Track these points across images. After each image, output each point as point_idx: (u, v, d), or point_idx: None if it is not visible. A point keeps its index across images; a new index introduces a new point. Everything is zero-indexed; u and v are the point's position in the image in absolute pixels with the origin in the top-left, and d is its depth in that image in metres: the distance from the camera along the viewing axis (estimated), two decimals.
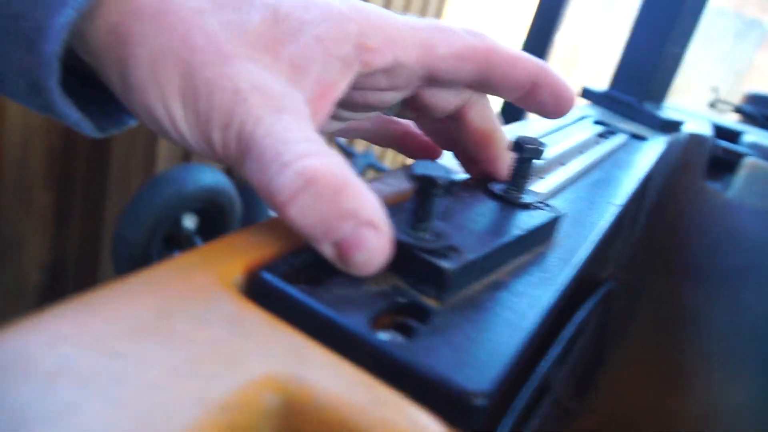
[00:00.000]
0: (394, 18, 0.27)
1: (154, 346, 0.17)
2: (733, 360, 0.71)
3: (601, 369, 0.70)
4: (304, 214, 0.21)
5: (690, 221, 0.74)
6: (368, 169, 1.89)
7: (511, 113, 0.99)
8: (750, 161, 0.73)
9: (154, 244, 1.51)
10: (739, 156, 0.75)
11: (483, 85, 0.30)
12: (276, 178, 0.21)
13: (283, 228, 0.24)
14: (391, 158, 2.90)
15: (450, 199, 0.28)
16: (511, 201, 0.30)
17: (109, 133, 0.28)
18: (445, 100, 0.31)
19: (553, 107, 0.31)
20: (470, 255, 0.23)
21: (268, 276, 0.21)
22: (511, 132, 0.44)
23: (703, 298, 0.73)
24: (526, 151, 0.29)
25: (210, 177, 1.60)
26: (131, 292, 0.19)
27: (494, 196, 0.31)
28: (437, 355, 0.19)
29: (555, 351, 0.44)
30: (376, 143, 0.37)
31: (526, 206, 0.30)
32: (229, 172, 1.92)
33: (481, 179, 0.33)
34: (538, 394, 0.41)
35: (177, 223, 1.58)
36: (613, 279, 0.61)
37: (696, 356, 0.72)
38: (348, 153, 1.90)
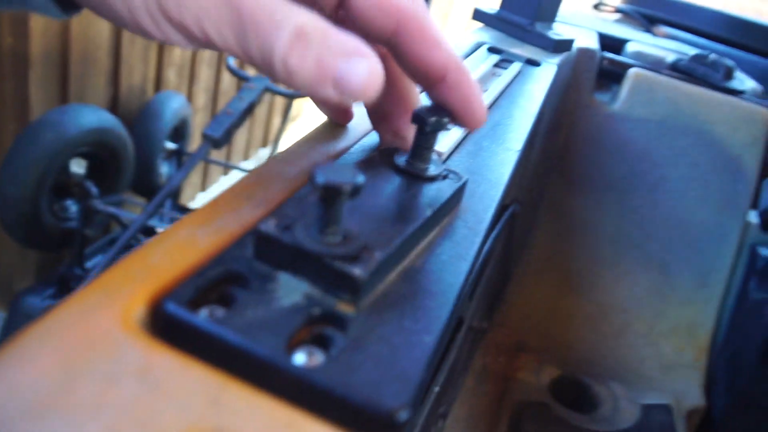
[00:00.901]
0: None
1: (61, 423, 0.16)
2: (622, 261, 0.77)
3: (508, 285, 0.74)
4: (302, 61, 0.24)
5: (581, 134, 0.78)
6: (265, 92, 1.82)
7: None
8: (634, 72, 0.77)
9: (43, 197, 1.41)
10: (624, 67, 0.78)
11: (395, 52, 0.30)
12: (277, 42, 0.24)
13: (181, 243, 0.23)
14: None
15: None
16: (416, 175, 0.30)
17: (71, 14, 0.29)
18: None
19: (460, 112, 0.30)
20: (381, 253, 0.23)
21: (172, 308, 0.20)
22: None
23: (594, 206, 0.78)
24: (429, 124, 0.29)
25: (93, 117, 1.49)
26: (27, 354, 0.17)
27: (400, 170, 0.30)
28: (358, 373, 0.19)
29: (467, 287, 0.46)
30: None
31: (432, 179, 0.30)
32: (115, 109, 1.80)
33: (386, 150, 0.32)
34: (454, 330, 0.43)
35: (64, 170, 1.48)
36: (516, 201, 0.63)
37: (588, 260, 0.78)
38: (242, 77, 1.81)
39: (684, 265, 0.76)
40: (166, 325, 0.20)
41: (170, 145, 1.92)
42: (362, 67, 0.25)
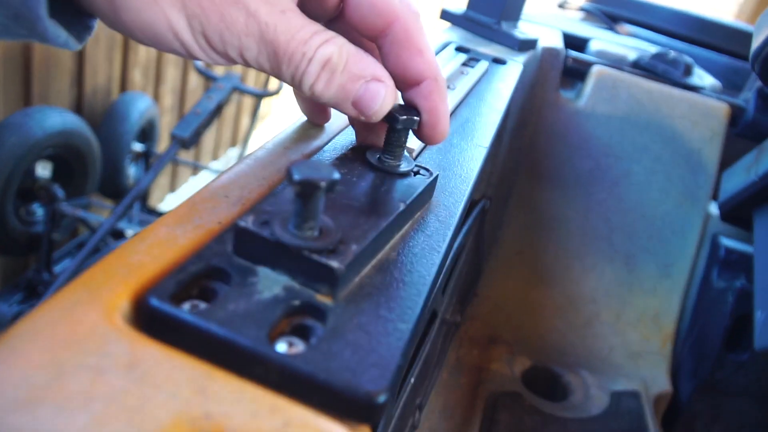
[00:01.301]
0: None
1: (51, 414, 0.16)
2: (589, 253, 0.79)
3: (480, 279, 0.76)
4: (327, 87, 0.28)
5: (547, 131, 0.79)
6: (234, 91, 1.81)
7: None
8: (597, 69, 0.79)
9: (8, 201, 1.38)
10: (587, 65, 0.80)
11: (380, 50, 0.31)
12: (305, 71, 0.28)
13: (161, 240, 0.24)
14: (254, 79, 2.79)
15: None
16: (389, 171, 0.31)
17: (84, 42, 0.31)
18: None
19: (425, 121, 0.31)
20: (357, 246, 0.24)
21: (155, 302, 0.20)
22: None
23: (561, 201, 0.80)
24: (400, 122, 0.30)
25: (58, 119, 1.46)
26: (16, 349, 0.18)
27: (373, 167, 0.31)
28: (337, 360, 0.20)
29: (439, 281, 0.47)
30: None
31: (404, 175, 0.31)
32: (80, 110, 1.77)
33: (358, 148, 0.33)
34: (428, 323, 0.44)
35: (29, 173, 1.45)
36: (486, 197, 0.64)
37: (557, 253, 0.80)
38: (209, 77, 1.80)
39: (648, 256, 0.78)
40: (149, 319, 0.20)
41: (137, 147, 1.90)
42: (379, 91, 0.29)
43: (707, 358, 0.73)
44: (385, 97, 0.29)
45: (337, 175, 0.22)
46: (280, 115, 3.40)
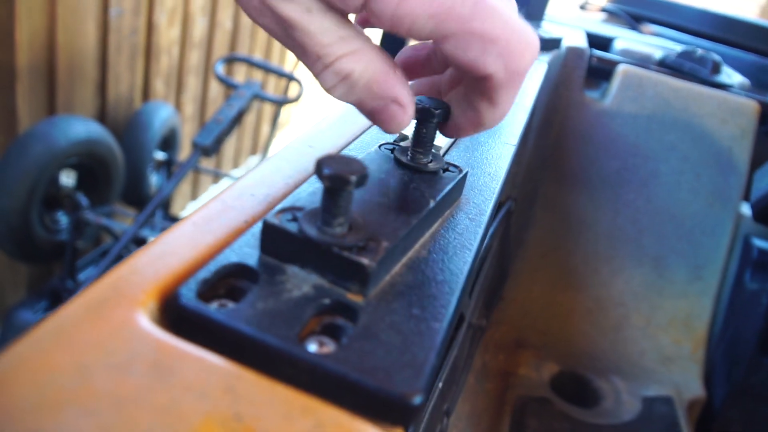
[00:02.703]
0: None
1: (77, 416, 0.16)
2: (617, 255, 0.77)
3: (505, 282, 0.75)
4: (344, 97, 0.27)
5: (573, 131, 0.78)
6: (254, 99, 1.81)
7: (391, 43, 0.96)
8: (623, 68, 0.77)
9: (33, 209, 1.40)
10: (613, 64, 0.78)
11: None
12: (321, 74, 0.26)
13: (187, 239, 0.23)
14: (273, 87, 2.81)
15: None
16: (418, 168, 0.30)
17: None
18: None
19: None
20: (388, 243, 0.23)
21: (183, 300, 0.20)
22: None
23: (588, 202, 0.78)
24: (432, 115, 0.29)
25: (82, 128, 1.48)
26: (41, 350, 0.17)
27: (401, 164, 0.30)
28: (370, 360, 0.19)
29: (467, 285, 0.46)
30: None
31: (433, 172, 0.30)
32: (103, 119, 1.79)
33: (386, 145, 0.32)
34: (455, 327, 0.43)
35: (54, 182, 1.47)
36: (511, 198, 0.63)
37: (584, 256, 0.78)
38: (230, 85, 1.81)
39: (679, 258, 0.76)
40: (177, 318, 0.20)
41: (159, 155, 1.92)
42: (396, 115, 0.27)
43: (741, 362, 0.71)
44: (401, 122, 0.28)
45: (367, 170, 0.22)
46: (300, 123, 3.41)
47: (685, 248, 0.77)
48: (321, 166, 0.21)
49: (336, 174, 0.21)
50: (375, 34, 0.37)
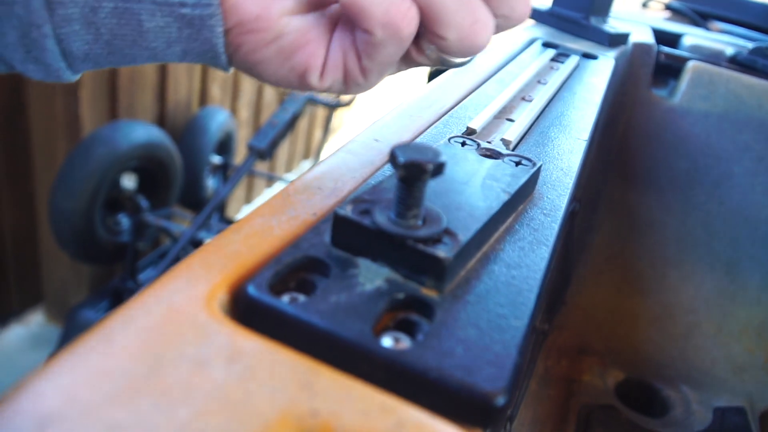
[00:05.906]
0: None
1: (151, 407, 0.15)
2: (687, 260, 0.74)
3: (568, 287, 0.72)
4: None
5: (639, 130, 0.75)
6: (308, 102, 1.83)
7: None
8: (693, 65, 0.74)
9: (96, 211, 1.44)
10: (682, 61, 0.75)
11: None
12: None
13: (257, 231, 0.23)
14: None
15: None
16: (492, 156, 0.29)
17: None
18: None
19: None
20: (464, 236, 0.22)
21: (254, 293, 0.19)
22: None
23: (655, 204, 0.75)
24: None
25: (143, 133, 1.52)
26: (113, 340, 0.17)
27: (473, 156, 0.29)
28: (449, 357, 0.18)
29: (545, 282, 0.44)
30: None
31: (506, 165, 0.29)
32: (162, 124, 1.83)
33: (455, 138, 0.31)
34: None
35: (116, 185, 1.51)
36: (575, 200, 0.61)
37: (652, 260, 0.75)
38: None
39: (753, 263, 0.72)
40: (248, 311, 0.19)
41: (216, 159, 1.95)
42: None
43: None
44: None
45: (443, 158, 0.21)
46: (352, 128, 3.43)
47: (760, 253, 0.73)
48: (396, 155, 0.20)
49: (412, 162, 0.20)
50: None
